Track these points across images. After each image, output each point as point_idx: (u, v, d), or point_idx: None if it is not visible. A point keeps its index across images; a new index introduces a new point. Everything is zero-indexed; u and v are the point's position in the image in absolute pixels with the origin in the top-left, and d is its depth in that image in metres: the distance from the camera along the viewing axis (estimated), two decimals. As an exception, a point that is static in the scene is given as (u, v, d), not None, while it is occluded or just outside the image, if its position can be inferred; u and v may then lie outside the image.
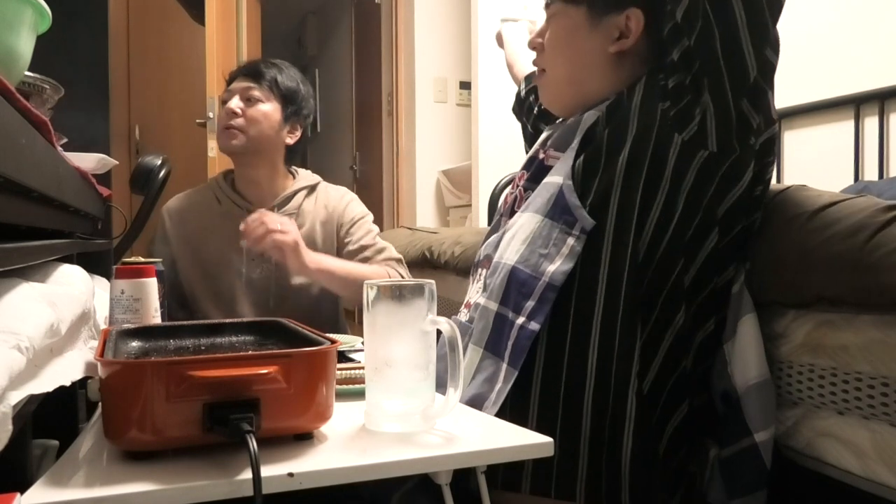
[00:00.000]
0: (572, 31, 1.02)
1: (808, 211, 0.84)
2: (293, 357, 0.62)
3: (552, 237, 0.92)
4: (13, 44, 0.73)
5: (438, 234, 1.98)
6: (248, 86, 1.57)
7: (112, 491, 0.51)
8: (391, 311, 0.68)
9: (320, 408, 0.64)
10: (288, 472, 0.55)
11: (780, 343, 0.87)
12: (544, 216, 0.94)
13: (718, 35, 0.84)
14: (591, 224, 0.89)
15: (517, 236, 0.96)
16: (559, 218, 0.92)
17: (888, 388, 0.74)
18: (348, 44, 4.80)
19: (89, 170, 1.18)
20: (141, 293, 0.93)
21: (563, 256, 0.90)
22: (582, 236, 0.89)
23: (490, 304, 0.96)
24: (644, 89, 0.93)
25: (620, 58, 1.00)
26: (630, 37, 0.98)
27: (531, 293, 0.91)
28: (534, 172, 1.04)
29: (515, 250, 0.95)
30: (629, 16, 0.97)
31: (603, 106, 0.97)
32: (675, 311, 0.89)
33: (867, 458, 0.76)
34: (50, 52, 0.91)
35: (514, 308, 0.92)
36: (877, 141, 2.05)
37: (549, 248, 0.92)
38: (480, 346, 0.94)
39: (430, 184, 3.63)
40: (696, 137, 0.87)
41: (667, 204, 0.88)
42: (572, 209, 0.91)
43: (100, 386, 0.59)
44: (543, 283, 0.90)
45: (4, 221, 0.62)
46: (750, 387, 0.85)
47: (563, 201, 0.92)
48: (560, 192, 0.93)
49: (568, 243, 0.90)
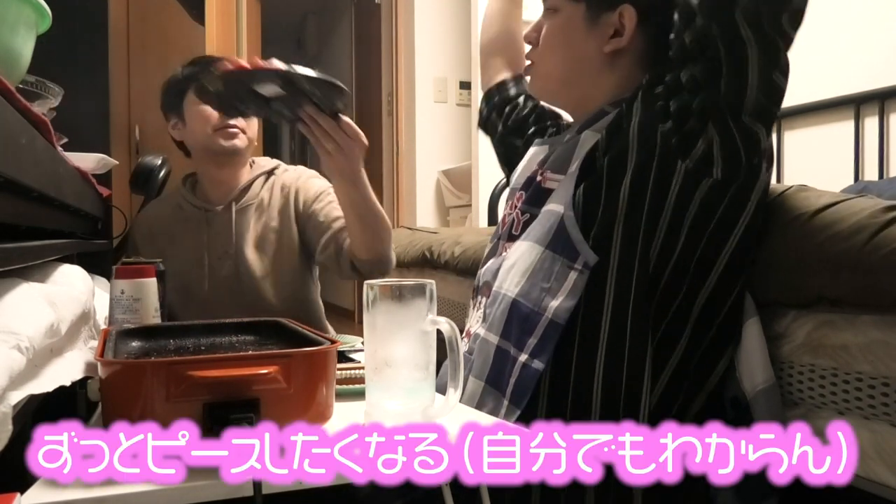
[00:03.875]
0: (570, 29, 1.01)
1: (808, 212, 0.84)
2: (293, 357, 0.62)
3: (554, 270, 0.90)
4: (13, 44, 0.73)
5: (438, 234, 1.98)
6: None
7: (112, 491, 0.51)
8: (391, 311, 0.68)
9: (320, 408, 0.64)
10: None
11: (781, 343, 0.87)
12: (545, 247, 0.92)
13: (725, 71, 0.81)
14: (594, 260, 0.87)
15: (517, 266, 0.95)
16: (561, 250, 0.90)
17: (888, 388, 0.74)
18: (348, 44, 4.80)
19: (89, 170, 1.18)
20: (141, 293, 0.92)
21: (565, 292, 0.88)
22: (585, 271, 0.87)
23: (490, 337, 0.94)
24: (642, 107, 0.91)
25: (615, 58, 0.99)
26: (624, 34, 0.97)
27: (533, 329, 0.89)
28: (532, 195, 1.02)
29: (516, 282, 0.93)
30: (622, 13, 0.96)
31: (601, 126, 0.95)
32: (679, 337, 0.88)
33: (867, 458, 0.76)
34: (50, 52, 0.91)
35: (516, 343, 0.90)
36: (877, 141, 2.05)
37: (550, 283, 0.90)
38: (482, 379, 0.93)
39: (430, 184, 3.63)
40: (701, 165, 0.85)
41: (669, 232, 0.86)
42: (575, 243, 0.89)
43: (100, 386, 0.59)
44: (546, 320, 0.88)
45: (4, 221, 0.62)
46: (758, 392, 0.85)
47: (564, 234, 0.90)
48: (561, 223, 0.91)
49: (570, 278, 0.88)
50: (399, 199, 3.72)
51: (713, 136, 0.84)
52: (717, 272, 0.87)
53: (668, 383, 0.88)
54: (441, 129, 3.62)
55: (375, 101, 4.05)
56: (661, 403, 0.87)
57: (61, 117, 1.03)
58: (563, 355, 0.88)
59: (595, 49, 0.99)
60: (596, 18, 0.98)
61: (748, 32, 0.79)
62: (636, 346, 0.86)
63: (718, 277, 0.88)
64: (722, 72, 0.82)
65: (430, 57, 3.60)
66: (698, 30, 0.83)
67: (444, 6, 3.62)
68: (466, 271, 1.61)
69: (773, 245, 0.86)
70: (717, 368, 0.90)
